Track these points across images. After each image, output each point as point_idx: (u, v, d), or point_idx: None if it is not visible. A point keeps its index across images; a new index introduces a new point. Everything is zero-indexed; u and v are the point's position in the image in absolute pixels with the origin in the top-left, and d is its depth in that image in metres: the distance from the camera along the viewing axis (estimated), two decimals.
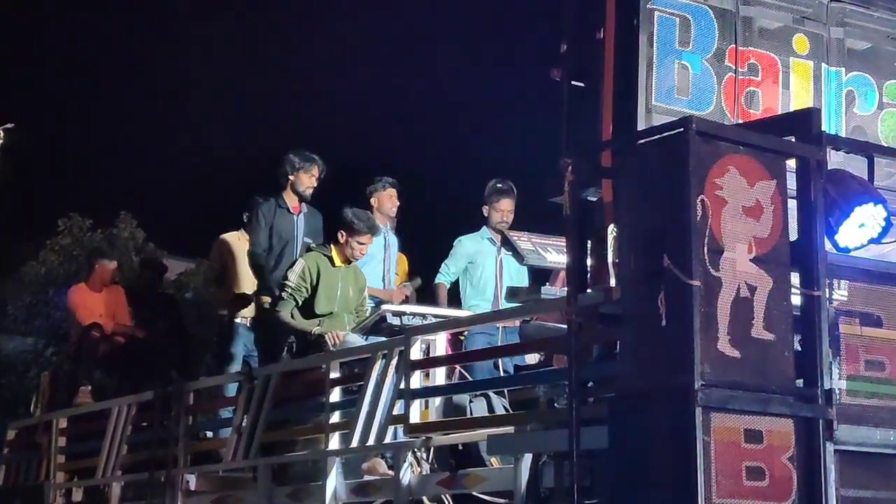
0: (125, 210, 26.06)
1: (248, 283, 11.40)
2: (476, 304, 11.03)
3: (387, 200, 11.48)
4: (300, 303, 10.04)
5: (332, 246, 10.24)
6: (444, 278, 11.25)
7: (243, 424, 9.67)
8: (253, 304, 11.20)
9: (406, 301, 10.92)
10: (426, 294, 11.46)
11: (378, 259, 11.23)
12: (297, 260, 10.31)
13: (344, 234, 10.15)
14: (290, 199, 11.04)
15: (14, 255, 26.07)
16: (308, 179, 11.04)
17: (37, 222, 25.82)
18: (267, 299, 10.59)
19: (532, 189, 10.95)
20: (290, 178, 11.04)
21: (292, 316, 10.03)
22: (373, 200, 11.43)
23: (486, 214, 11.28)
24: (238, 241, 11.85)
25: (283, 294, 10.08)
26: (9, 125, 8.55)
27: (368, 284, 10.86)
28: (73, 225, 25.37)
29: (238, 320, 11.51)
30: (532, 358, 9.41)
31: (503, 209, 11.14)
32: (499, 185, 11.23)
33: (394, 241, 11.54)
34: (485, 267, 11.15)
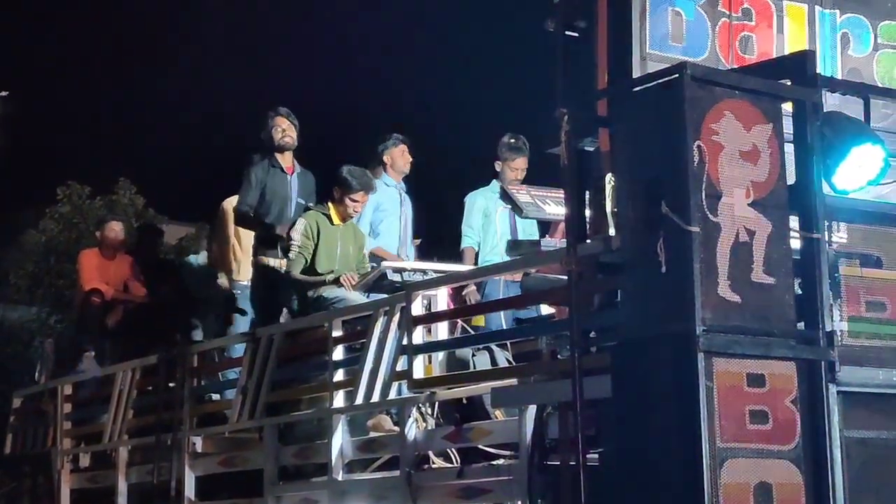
0: (124, 177, 26.00)
1: (250, 245, 11.38)
2: (490, 258, 10.96)
3: (399, 157, 11.42)
4: (308, 260, 10.04)
5: (329, 204, 10.24)
6: (470, 241, 11.11)
7: (248, 385, 9.70)
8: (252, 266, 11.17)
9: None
10: (433, 253, 11.41)
11: (394, 215, 11.18)
12: (297, 220, 10.29)
13: (339, 190, 10.16)
14: (283, 159, 10.98)
15: (14, 224, 26.05)
16: (277, 132, 10.92)
17: (35, 191, 25.78)
18: (272, 260, 10.53)
19: (530, 141, 10.96)
20: (271, 134, 10.94)
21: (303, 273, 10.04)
22: (385, 158, 11.37)
23: (498, 170, 11.11)
24: None
25: (291, 254, 10.07)
26: (4, 93, 8.54)
27: (385, 242, 10.85)
28: (72, 193, 25.32)
29: (244, 283, 11.51)
30: (547, 310, 9.35)
31: (518, 167, 10.99)
32: (513, 142, 11.07)
33: (408, 200, 11.47)
34: (495, 221, 11.08)
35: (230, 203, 11.84)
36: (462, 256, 11.05)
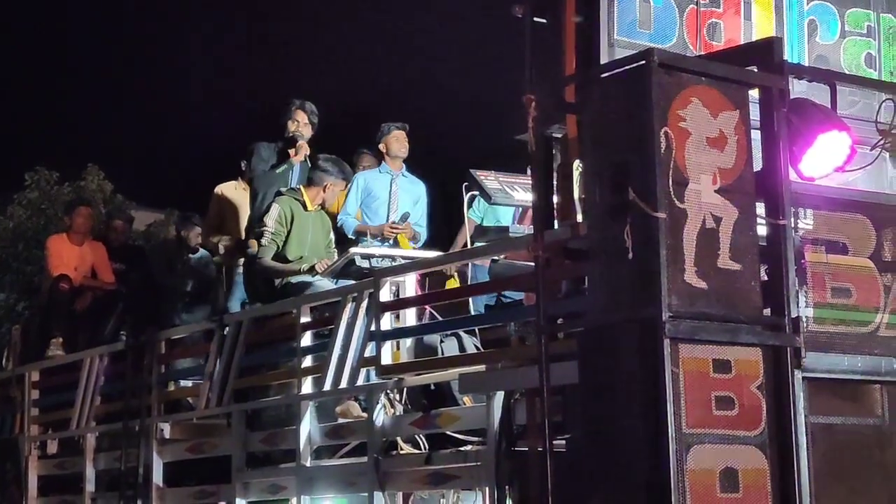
0: (92, 162, 25.90)
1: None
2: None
3: (394, 143, 11.42)
4: (280, 247, 10.04)
5: (303, 189, 10.23)
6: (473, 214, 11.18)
7: (216, 371, 9.69)
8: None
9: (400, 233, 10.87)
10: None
11: (382, 199, 11.18)
12: (271, 204, 10.28)
13: (316, 178, 10.21)
14: (287, 142, 11.04)
15: None
16: (292, 123, 11.00)
17: (2, 177, 25.64)
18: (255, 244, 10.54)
19: (497, 127, 10.94)
20: (287, 122, 11.05)
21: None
22: (381, 146, 11.40)
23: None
24: (235, 190, 11.83)
25: (264, 240, 10.07)
26: None
27: (372, 224, 10.84)
28: (39, 178, 25.22)
29: (238, 269, 11.48)
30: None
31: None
32: None
33: (411, 185, 11.44)
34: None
35: (225, 188, 11.86)
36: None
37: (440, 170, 11.91)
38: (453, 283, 9.97)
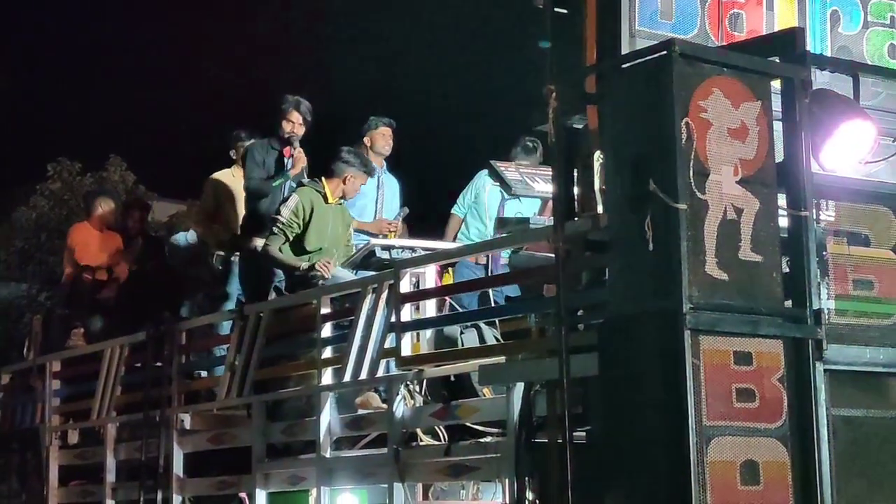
0: (115, 153, 25.97)
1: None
2: (475, 238, 10.93)
3: (379, 139, 11.42)
4: (290, 238, 10.02)
5: (324, 182, 10.20)
6: (457, 209, 11.16)
7: (236, 362, 9.69)
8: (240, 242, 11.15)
9: (394, 231, 10.90)
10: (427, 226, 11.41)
11: (370, 197, 11.18)
12: (290, 195, 10.26)
13: (339, 170, 10.14)
14: (282, 142, 10.99)
15: (4, 201, 26.02)
16: (287, 124, 10.93)
17: (26, 167, 25.72)
18: (260, 241, 10.53)
19: (518, 118, 10.91)
20: (281, 122, 10.97)
21: (280, 251, 10.01)
22: (366, 140, 11.39)
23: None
24: (231, 178, 11.81)
25: (274, 228, 10.06)
26: None
27: (360, 221, 10.85)
28: (62, 169, 25.30)
29: (234, 259, 11.49)
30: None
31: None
32: (527, 144, 10.95)
33: (391, 181, 11.45)
34: (484, 202, 11.04)
35: (219, 176, 11.83)
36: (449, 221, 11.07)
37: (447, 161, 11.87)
38: (448, 279, 9.99)
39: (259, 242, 10.41)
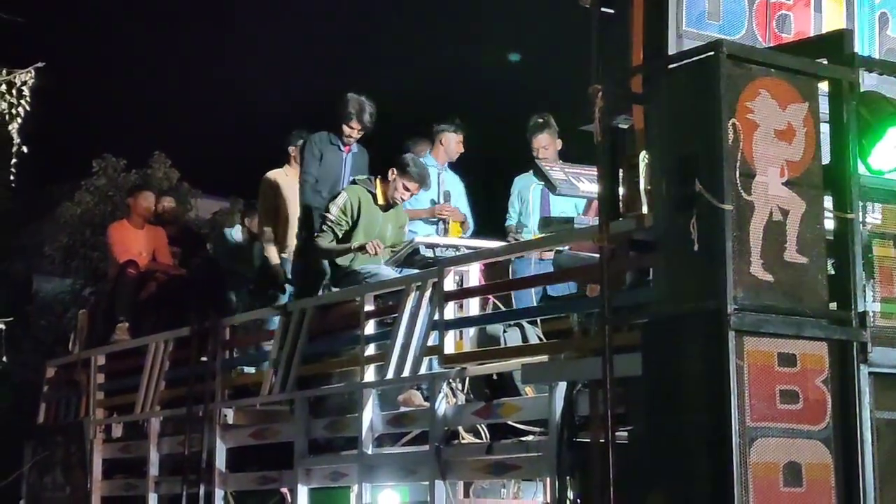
0: (159, 150, 26.06)
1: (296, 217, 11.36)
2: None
3: (453, 143, 11.45)
4: (339, 236, 10.05)
5: (377, 182, 10.21)
6: (509, 219, 11.13)
7: (280, 358, 9.74)
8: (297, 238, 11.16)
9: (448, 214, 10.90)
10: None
11: (427, 195, 11.21)
12: (340, 192, 10.30)
13: (395, 173, 10.12)
14: (343, 138, 11.00)
15: (49, 197, 26.15)
16: (347, 129, 10.92)
17: (71, 164, 25.82)
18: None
19: (564, 118, 10.93)
20: (342, 123, 10.95)
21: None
22: (441, 139, 11.41)
23: (532, 150, 11.12)
24: (285, 177, 11.84)
25: (323, 226, 10.10)
26: (39, 64, 8.56)
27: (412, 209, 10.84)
28: (107, 165, 25.38)
29: (285, 256, 11.52)
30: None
31: (541, 145, 10.89)
32: (536, 120, 11.07)
33: (452, 181, 11.45)
34: (528, 201, 11.06)
35: (274, 175, 11.87)
36: (507, 232, 11.05)
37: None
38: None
39: (317, 240, 10.47)
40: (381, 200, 10.15)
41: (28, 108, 8.53)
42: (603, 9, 7.15)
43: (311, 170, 10.94)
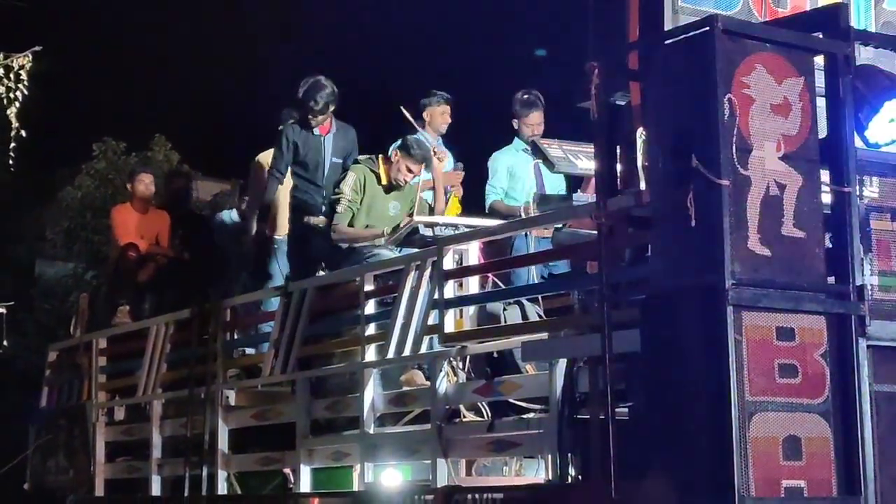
0: (159, 132, 26.07)
1: (287, 201, 11.35)
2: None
3: (438, 116, 11.42)
4: (355, 213, 10.08)
5: (380, 163, 10.22)
6: (496, 195, 11.03)
7: (280, 339, 9.74)
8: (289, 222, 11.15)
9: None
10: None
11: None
12: (347, 173, 10.31)
13: (397, 153, 10.15)
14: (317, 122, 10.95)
15: (50, 181, 26.17)
16: (310, 115, 10.84)
17: (71, 147, 25.83)
18: (314, 219, 10.55)
19: (560, 96, 10.90)
20: (310, 103, 10.87)
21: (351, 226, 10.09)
22: (425, 114, 11.38)
23: (516, 128, 11.07)
24: None
25: (340, 207, 10.11)
26: (36, 48, 8.57)
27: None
28: (107, 149, 25.41)
29: (278, 237, 11.53)
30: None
31: (532, 122, 10.87)
32: (525, 97, 11.01)
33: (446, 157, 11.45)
34: (524, 178, 11.03)
35: (265, 157, 11.85)
36: (492, 209, 10.99)
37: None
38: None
39: (314, 220, 10.46)
40: (384, 181, 10.18)
41: (26, 92, 8.52)
42: None
43: (280, 166, 10.96)
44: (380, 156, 10.28)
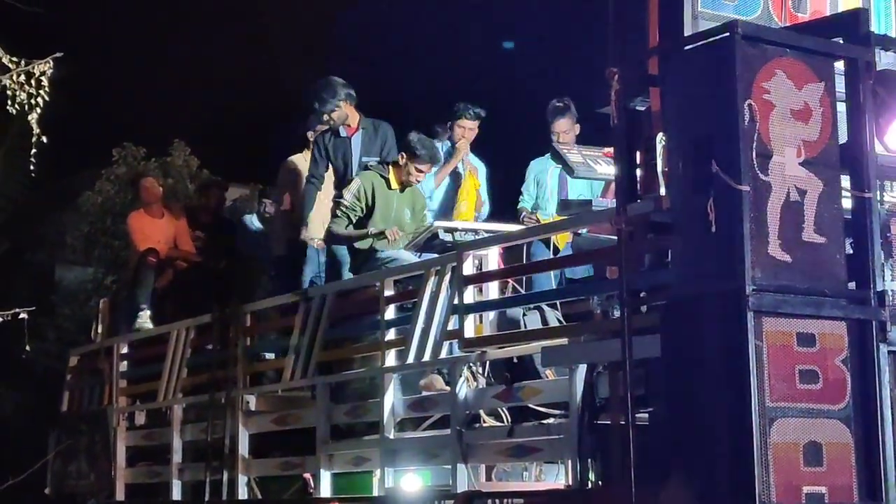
0: (178, 138, 26.10)
1: (322, 207, 11.35)
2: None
3: (467, 130, 11.43)
4: (354, 221, 10.09)
5: (390, 167, 10.24)
6: (522, 202, 11.10)
7: (301, 344, 9.76)
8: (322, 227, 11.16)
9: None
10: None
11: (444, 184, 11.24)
12: (353, 179, 10.34)
13: (404, 156, 10.16)
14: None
15: (70, 186, 26.21)
16: (326, 117, 10.89)
17: (91, 153, 25.88)
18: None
19: (581, 101, 10.91)
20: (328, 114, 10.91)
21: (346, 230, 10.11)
22: (457, 127, 11.40)
23: (551, 134, 11.11)
24: (304, 162, 11.82)
25: (337, 212, 10.15)
26: (57, 54, 8.57)
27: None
28: (127, 154, 25.45)
29: (308, 242, 11.54)
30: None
31: (561, 129, 10.87)
32: (556, 105, 11.04)
33: (476, 164, 11.47)
34: (547, 185, 11.05)
35: (295, 160, 11.88)
36: (519, 215, 11.04)
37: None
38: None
39: (332, 227, 10.51)
40: (394, 185, 10.19)
41: (47, 98, 8.54)
42: None
43: (316, 171, 11.01)
44: (389, 164, 10.30)
